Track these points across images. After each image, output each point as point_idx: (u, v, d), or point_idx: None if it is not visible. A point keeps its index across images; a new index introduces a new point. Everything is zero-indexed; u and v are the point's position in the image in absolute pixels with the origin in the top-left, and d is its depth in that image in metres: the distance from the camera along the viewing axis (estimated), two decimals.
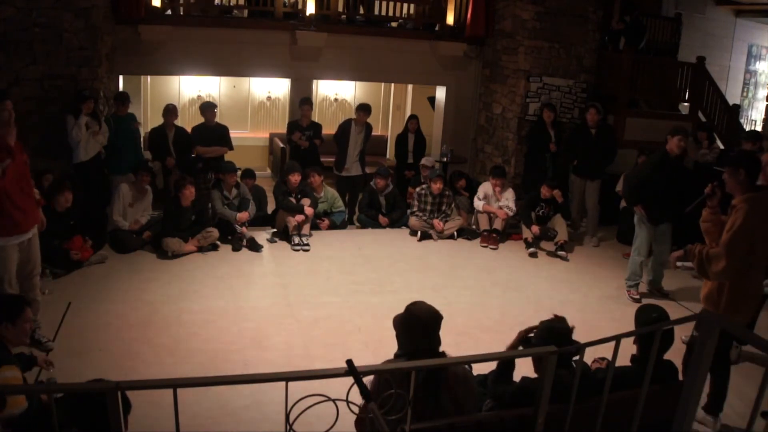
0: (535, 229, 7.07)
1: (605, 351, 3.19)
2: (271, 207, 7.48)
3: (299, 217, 6.83)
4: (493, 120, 8.94)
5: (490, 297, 5.82)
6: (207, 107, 7.46)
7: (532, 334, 3.05)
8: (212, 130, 7.39)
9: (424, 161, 7.97)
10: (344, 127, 7.87)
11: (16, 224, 3.92)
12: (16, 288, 4.05)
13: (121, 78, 7.77)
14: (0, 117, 3.79)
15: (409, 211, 7.62)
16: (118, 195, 6.41)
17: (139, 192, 6.59)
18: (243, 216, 6.77)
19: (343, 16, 8.77)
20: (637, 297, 5.89)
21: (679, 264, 3.91)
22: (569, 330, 2.92)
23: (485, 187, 7.53)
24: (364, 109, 7.89)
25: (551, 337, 2.74)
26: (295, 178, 6.96)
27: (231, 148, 7.52)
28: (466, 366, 2.79)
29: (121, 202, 6.42)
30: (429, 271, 6.39)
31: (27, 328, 3.33)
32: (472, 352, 2.48)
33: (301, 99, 7.94)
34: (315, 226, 7.20)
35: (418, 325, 2.61)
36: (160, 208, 6.70)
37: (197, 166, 7.26)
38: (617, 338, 2.38)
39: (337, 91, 11.19)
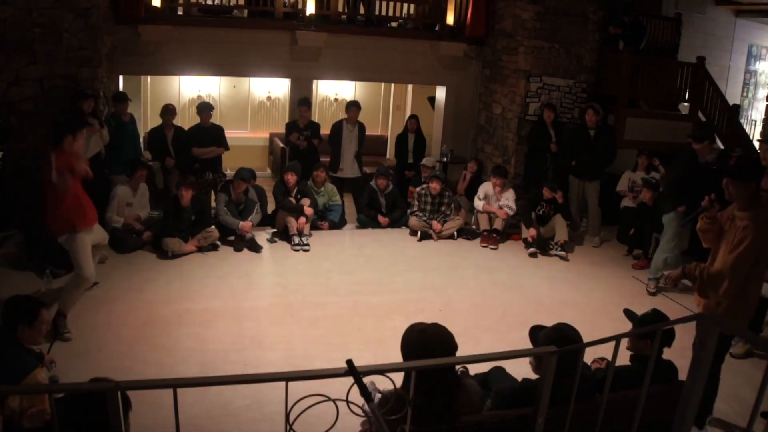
0: (533, 232, 7.07)
1: (605, 351, 3.19)
2: (271, 207, 7.48)
3: (302, 221, 6.83)
4: (493, 120, 8.93)
5: (490, 297, 5.82)
6: (204, 108, 7.42)
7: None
8: (207, 130, 7.35)
9: (425, 161, 7.97)
10: (336, 128, 7.88)
11: (92, 218, 4.68)
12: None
13: (121, 78, 7.76)
14: (78, 143, 4.48)
15: (409, 211, 7.62)
16: (115, 198, 6.39)
17: (136, 189, 6.58)
18: (246, 225, 6.63)
19: (343, 16, 8.77)
20: (653, 291, 6.07)
21: (678, 283, 3.88)
22: (579, 339, 2.77)
23: (485, 187, 7.53)
24: (354, 105, 7.90)
25: (557, 341, 2.65)
26: (291, 177, 6.97)
27: (227, 148, 7.51)
28: (478, 387, 2.73)
29: (117, 204, 6.41)
30: (429, 271, 6.39)
31: (43, 329, 3.37)
32: (472, 352, 2.46)
33: (299, 100, 7.94)
34: (316, 227, 7.20)
35: (431, 347, 2.40)
36: (160, 208, 6.70)
37: (194, 166, 7.25)
38: (617, 338, 2.38)
39: (337, 91, 11.19)
